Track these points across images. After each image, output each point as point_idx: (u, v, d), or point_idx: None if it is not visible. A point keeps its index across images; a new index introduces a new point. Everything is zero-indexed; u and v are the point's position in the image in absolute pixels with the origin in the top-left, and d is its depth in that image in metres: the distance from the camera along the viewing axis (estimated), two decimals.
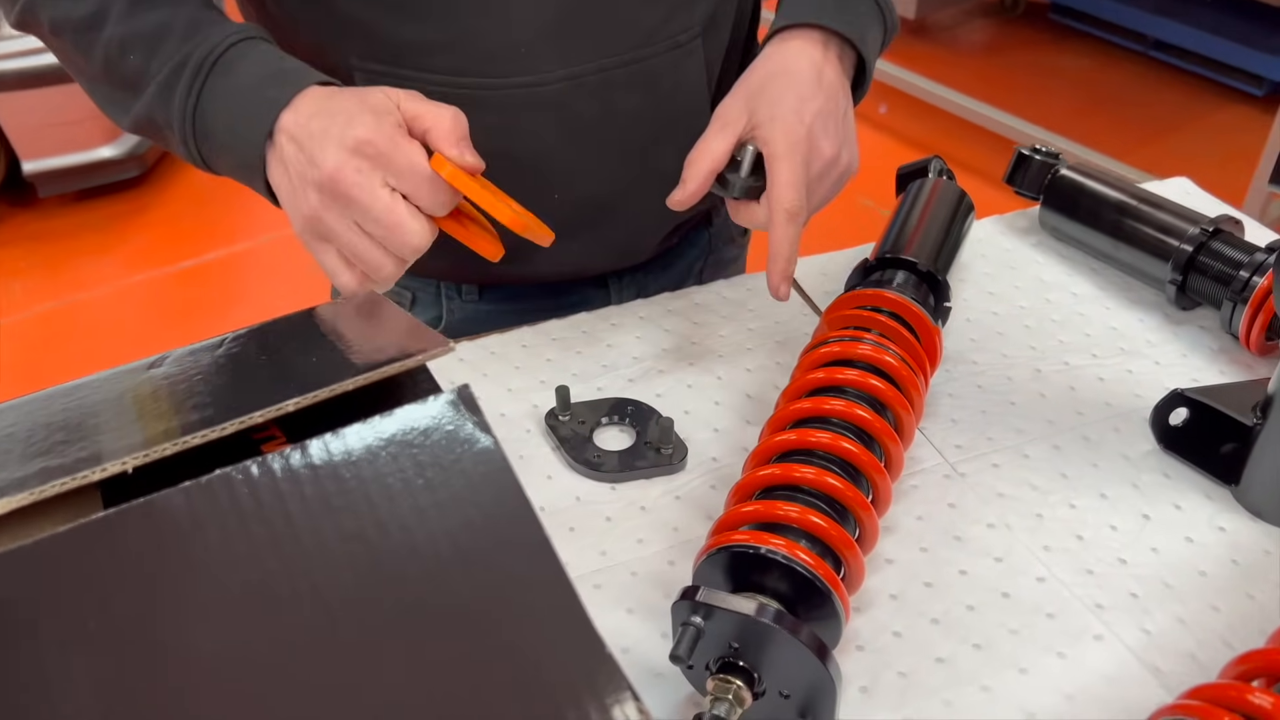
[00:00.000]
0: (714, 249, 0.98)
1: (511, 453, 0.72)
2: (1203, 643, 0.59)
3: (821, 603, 0.55)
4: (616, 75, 0.76)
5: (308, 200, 0.62)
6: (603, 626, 0.61)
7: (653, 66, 0.78)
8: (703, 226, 0.96)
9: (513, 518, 0.38)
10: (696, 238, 0.96)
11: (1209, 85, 3.23)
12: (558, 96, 0.76)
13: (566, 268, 0.87)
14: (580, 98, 0.76)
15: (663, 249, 0.92)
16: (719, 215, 0.97)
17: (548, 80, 0.75)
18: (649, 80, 0.78)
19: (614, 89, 0.77)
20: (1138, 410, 0.74)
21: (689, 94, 0.81)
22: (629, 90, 0.77)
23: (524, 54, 0.74)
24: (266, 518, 0.37)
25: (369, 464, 0.38)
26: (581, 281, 0.91)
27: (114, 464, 0.38)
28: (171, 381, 0.46)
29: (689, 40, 0.78)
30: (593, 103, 0.77)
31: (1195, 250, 0.79)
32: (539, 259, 0.85)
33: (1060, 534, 0.66)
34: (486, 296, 0.90)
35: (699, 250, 0.97)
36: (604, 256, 0.88)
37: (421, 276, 0.91)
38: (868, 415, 0.63)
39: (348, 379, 0.42)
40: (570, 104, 0.76)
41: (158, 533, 0.37)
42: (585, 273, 0.90)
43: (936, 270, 0.76)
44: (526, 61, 0.74)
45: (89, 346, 2.36)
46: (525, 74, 0.74)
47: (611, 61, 0.76)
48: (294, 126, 0.63)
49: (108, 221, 2.75)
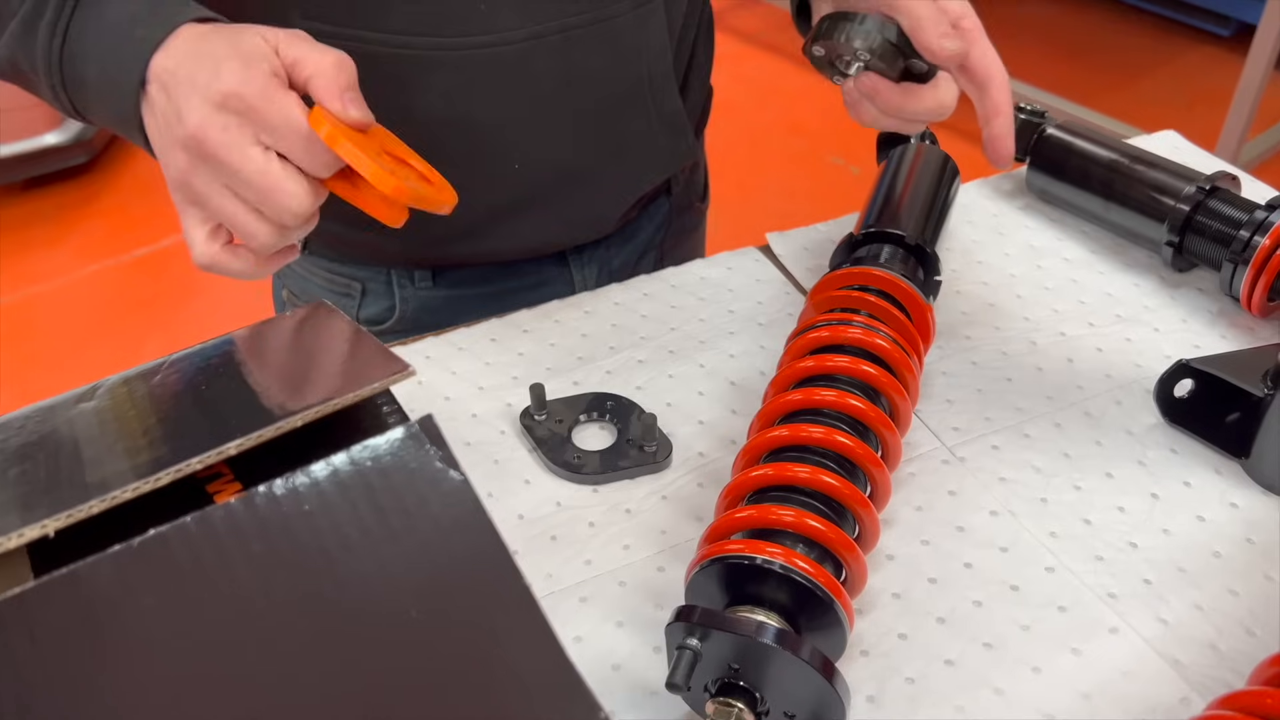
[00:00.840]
0: (674, 218, 0.94)
1: (486, 457, 0.69)
2: (1223, 630, 0.56)
3: (824, 612, 0.52)
4: (580, 35, 0.72)
5: (176, 160, 0.55)
6: (592, 643, 0.58)
7: (617, 26, 0.73)
8: (664, 196, 0.92)
9: (488, 565, 0.34)
10: (656, 209, 0.92)
11: (1175, 27, 3.19)
12: (519, 57, 0.71)
13: (527, 243, 0.83)
14: (542, 58, 0.72)
15: (624, 222, 0.88)
16: (678, 183, 0.93)
17: (509, 39, 0.70)
18: (612, 40, 0.74)
19: (577, 48, 0.73)
20: (1139, 381, 0.71)
21: (652, 56, 0.77)
22: (592, 51, 0.73)
23: (484, 11, 0.69)
24: (209, 580, 0.33)
25: (324, 513, 0.34)
26: (541, 259, 0.86)
27: (32, 528, 0.34)
28: (102, 419, 0.42)
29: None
30: (554, 64, 0.73)
31: (1192, 210, 0.76)
32: (497, 235, 0.81)
33: (1067, 519, 0.63)
34: (441, 281, 0.86)
35: (659, 221, 0.93)
36: (566, 230, 0.84)
37: (369, 265, 0.86)
38: (862, 405, 0.59)
39: (296, 413, 0.37)
40: (531, 65, 0.72)
41: (84, 606, 0.32)
42: (546, 249, 0.85)
43: (925, 242, 0.72)
44: (486, 19, 0.69)
45: (44, 343, 2.28)
46: (485, 33, 0.70)
47: (575, 20, 0.71)
48: (164, 73, 0.55)
49: (57, 211, 2.66)
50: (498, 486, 0.66)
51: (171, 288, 2.45)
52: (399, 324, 0.87)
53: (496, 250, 0.83)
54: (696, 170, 0.98)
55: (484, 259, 0.85)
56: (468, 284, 0.86)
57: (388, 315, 0.87)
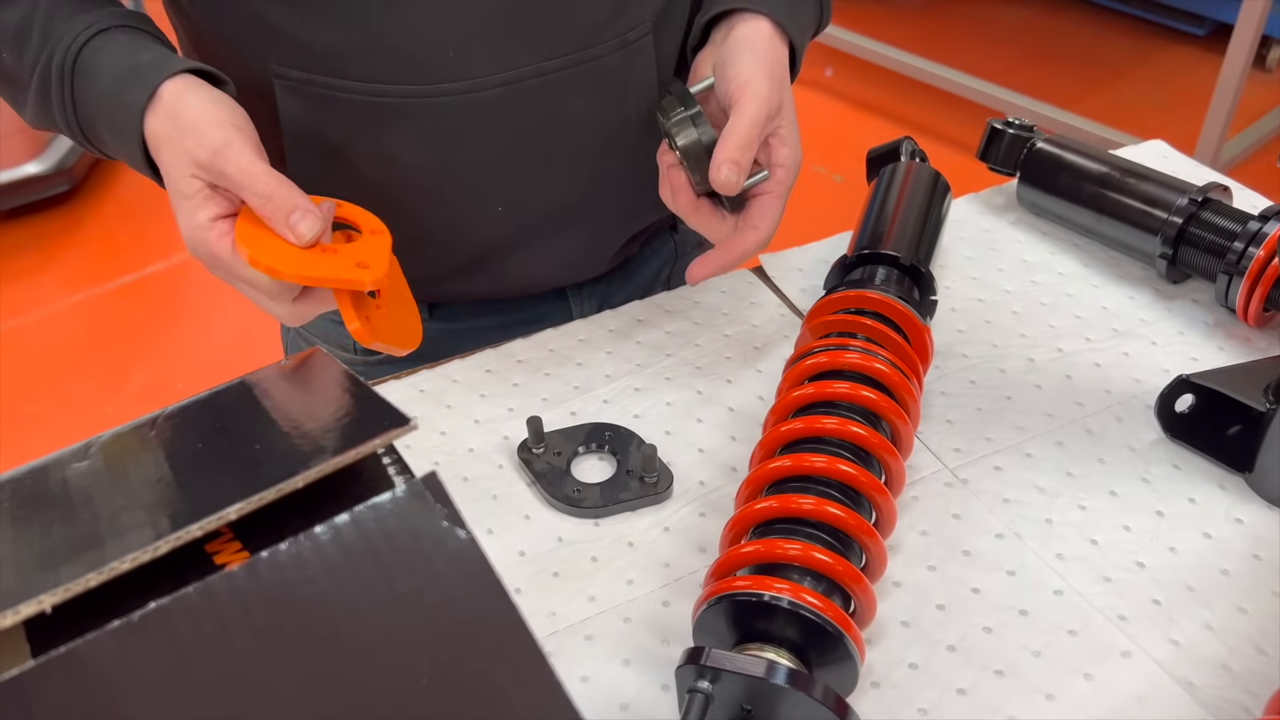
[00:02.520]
0: (680, 256, 0.92)
1: (484, 492, 0.68)
2: (1234, 650, 0.56)
3: (834, 646, 0.51)
4: (560, 77, 0.70)
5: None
6: (599, 683, 0.57)
7: (600, 67, 0.72)
8: (668, 233, 0.91)
9: (497, 628, 0.33)
10: (660, 245, 0.91)
11: (1151, 28, 3.21)
12: (495, 102, 0.70)
13: (520, 282, 0.82)
14: (520, 102, 0.70)
15: (623, 258, 0.86)
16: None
17: (484, 85, 0.69)
18: (597, 82, 0.72)
19: (558, 92, 0.71)
20: (1139, 396, 0.71)
21: (640, 96, 0.75)
22: (574, 93, 0.72)
23: (453, 58, 0.68)
24: (212, 653, 0.32)
25: (328, 579, 0.33)
26: (538, 296, 0.85)
27: (28, 604, 0.33)
28: (97, 481, 0.41)
29: (639, 38, 0.73)
30: (533, 108, 0.71)
31: (1185, 222, 0.76)
32: (487, 275, 0.80)
33: (1073, 539, 0.62)
34: (438, 314, 0.85)
35: (663, 258, 0.91)
36: (558, 270, 0.83)
37: None
38: (863, 432, 0.59)
39: (298, 474, 0.36)
40: (509, 110, 0.70)
41: (84, 686, 0.31)
42: (539, 287, 0.84)
43: (919, 262, 0.72)
44: (457, 66, 0.68)
45: (29, 374, 2.26)
46: (457, 79, 0.68)
47: (554, 63, 0.70)
48: (154, 140, 0.60)
49: (39, 240, 2.64)
50: (497, 523, 0.65)
51: (157, 315, 2.43)
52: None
53: (489, 289, 0.82)
54: None
55: (478, 296, 0.84)
56: (465, 318, 0.85)
57: None
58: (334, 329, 0.87)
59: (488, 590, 0.34)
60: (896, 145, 0.83)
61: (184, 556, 0.39)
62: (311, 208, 0.58)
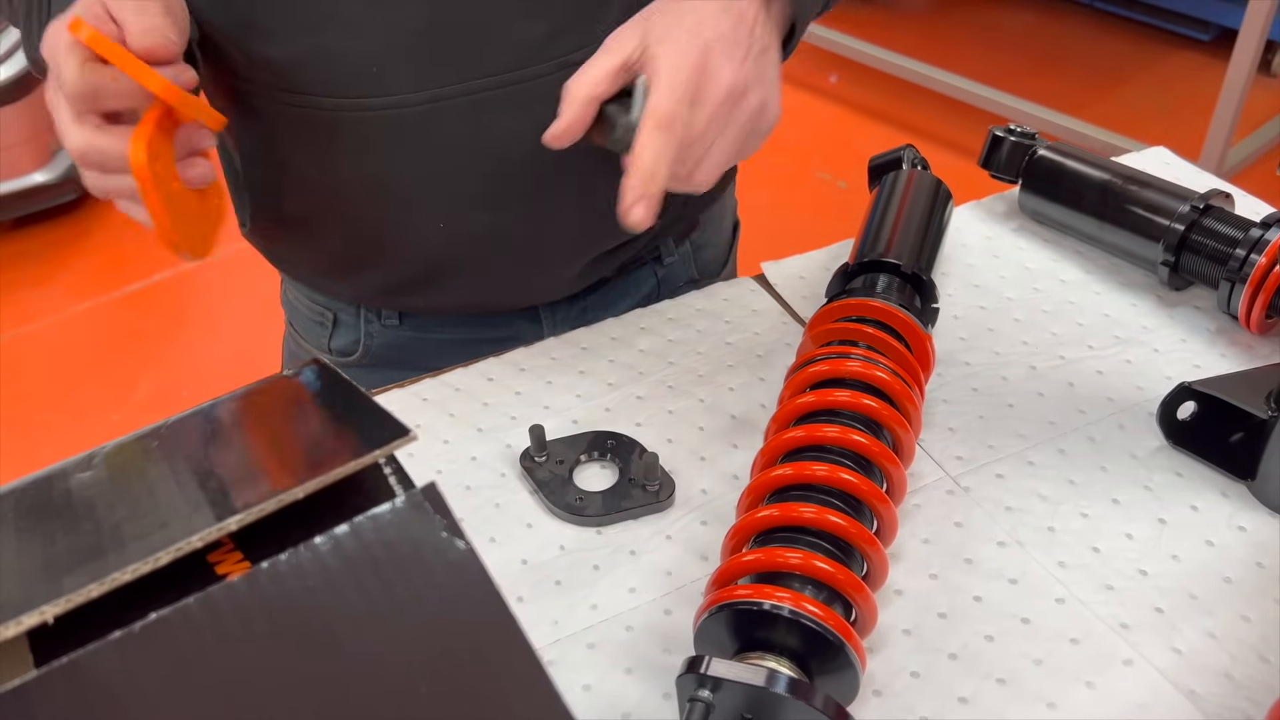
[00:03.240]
0: (664, 295, 0.87)
1: (487, 501, 0.68)
2: (1236, 658, 0.56)
3: (835, 655, 0.51)
4: (487, 98, 0.69)
5: None
6: (601, 691, 0.57)
7: (537, 88, 0.68)
8: (650, 265, 0.88)
9: (496, 639, 0.33)
10: (642, 278, 0.88)
11: (1155, 33, 3.21)
12: (419, 119, 0.69)
13: (478, 299, 0.81)
14: (445, 121, 0.69)
15: (594, 280, 0.84)
16: (670, 253, 0.88)
17: (409, 102, 0.68)
18: (533, 103, 0.68)
19: (485, 112, 0.69)
20: (1141, 404, 0.71)
21: None
22: (506, 113, 0.69)
23: (376, 73, 0.68)
24: (213, 663, 0.32)
25: (328, 589, 0.34)
26: (509, 313, 0.85)
27: (30, 615, 0.33)
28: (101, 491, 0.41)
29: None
30: (460, 127, 0.70)
31: (1187, 229, 0.76)
32: (447, 290, 0.80)
33: (1075, 547, 0.62)
34: (408, 322, 0.85)
35: (647, 291, 0.88)
36: (515, 293, 0.82)
37: (337, 299, 0.86)
38: (865, 440, 0.59)
39: (298, 485, 0.37)
40: (434, 128, 0.69)
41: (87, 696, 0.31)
42: (503, 306, 0.83)
43: (920, 270, 0.72)
44: (380, 81, 0.68)
45: (36, 382, 2.27)
46: (380, 94, 0.68)
47: (481, 83, 0.68)
48: None
49: (47, 249, 2.65)
50: (500, 532, 0.65)
51: (163, 323, 2.44)
52: (364, 358, 0.87)
53: (455, 303, 0.82)
54: (707, 247, 0.91)
55: (443, 310, 0.84)
56: (434, 329, 0.85)
57: (354, 347, 0.87)
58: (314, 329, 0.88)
59: (486, 600, 0.34)
60: (898, 153, 0.83)
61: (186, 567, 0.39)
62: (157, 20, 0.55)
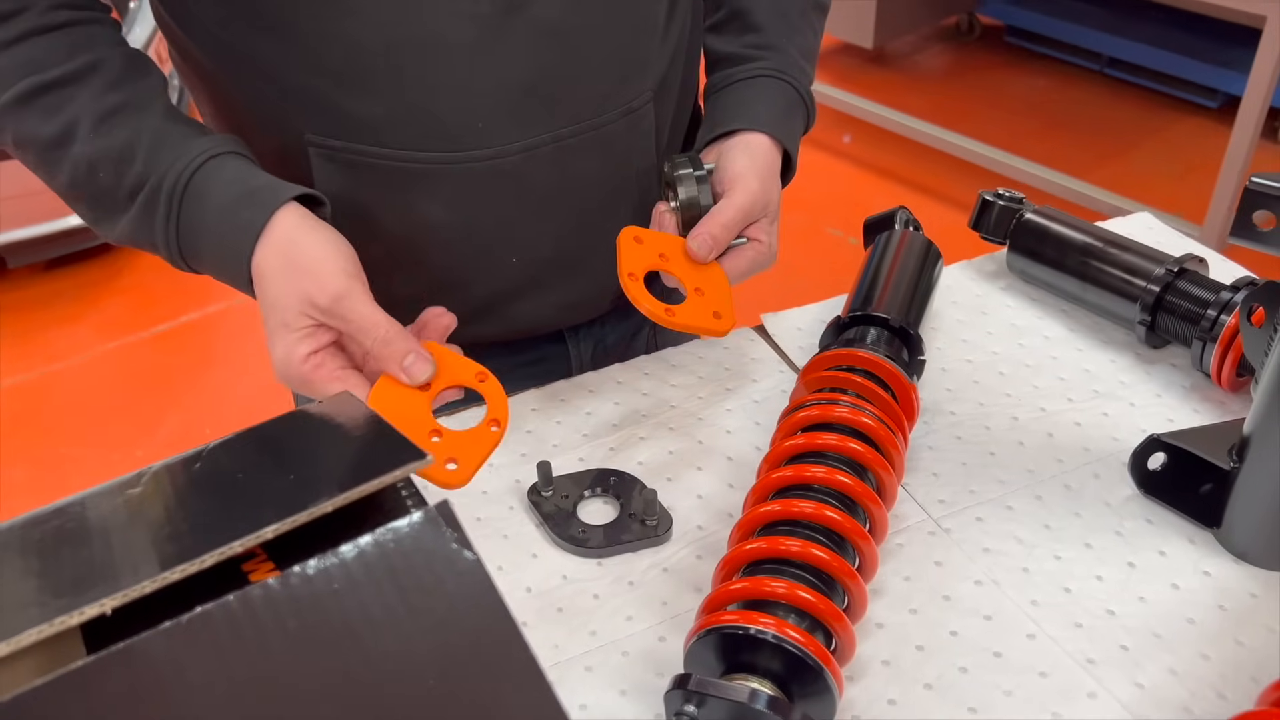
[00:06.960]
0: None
1: (496, 531, 0.72)
2: (1195, 694, 0.59)
3: (814, 679, 0.55)
4: (572, 144, 0.77)
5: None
6: (596, 711, 0.61)
7: (607, 133, 0.78)
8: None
9: (498, 640, 0.38)
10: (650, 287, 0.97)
11: (1164, 100, 3.28)
12: (515, 168, 0.76)
13: (523, 324, 0.87)
14: (537, 167, 0.77)
15: (618, 301, 0.91)
16: None
17: (506, 152, 0.75)
18: (603, 146, 0.79)
19: (570, 156, 0.78)
20: (1116, 454, 0.75)
21: (640, 155, 0.82)
22: (584, 157, 0.78)
23: (481, 129, 0.74)
24: (249, 656, 0.37)
25: (351, 592, 0.38)
26: (537, 338, 0.91)
27: (91, 606, 0.38)
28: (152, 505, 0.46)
29: (641, 105, 0.79)
30: (550, 171, 0.77)
31: (1162, 291, 0.80)
32: (497, 318, 0.85)
33: (1047, 587, 0.66)
34: None
35: None
36: (561, 313, 0.88)
37: None
38: (849, 481, 0.63)
39: (325, 500, 0.41)
40: (528, 174, 0.77)
41: (138, 679, 0.36)
42: (543, 329, 0.90)
43: (908, 324, 0.77)
44: (484, 136, 0.74)
45: (65, 417, 2.33)
46: (483, 147, 0.74)
47: (567, 131, 0.76)
48: (262, 268, 0.66)
49: (79, 289, 2.73)
50: (507, 560, 0.70)
51: (191, 362, 2.51)
52: None
53: (496, 332, 0.87)
54: None
55: (483, 340, 0.89)
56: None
57: None
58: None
59: (490, 606, 0.38)
60: (892, 214, 0.88)
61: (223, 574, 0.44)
62: (425, 353, 0.64)
